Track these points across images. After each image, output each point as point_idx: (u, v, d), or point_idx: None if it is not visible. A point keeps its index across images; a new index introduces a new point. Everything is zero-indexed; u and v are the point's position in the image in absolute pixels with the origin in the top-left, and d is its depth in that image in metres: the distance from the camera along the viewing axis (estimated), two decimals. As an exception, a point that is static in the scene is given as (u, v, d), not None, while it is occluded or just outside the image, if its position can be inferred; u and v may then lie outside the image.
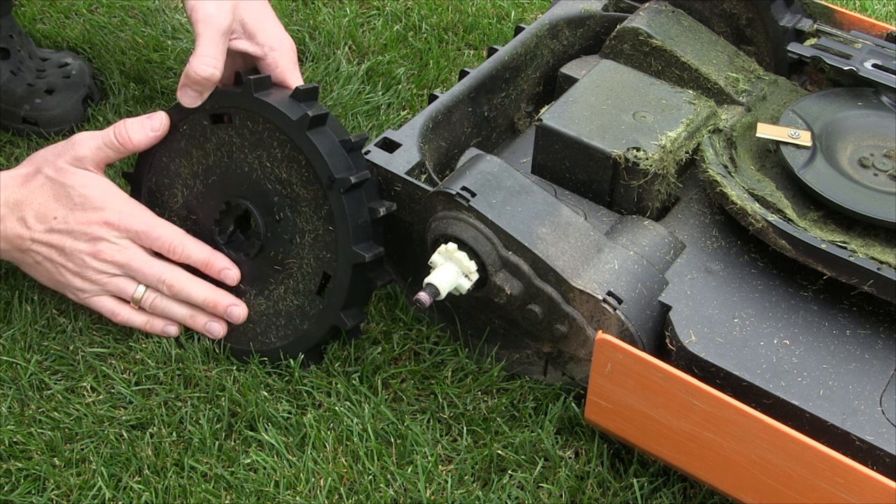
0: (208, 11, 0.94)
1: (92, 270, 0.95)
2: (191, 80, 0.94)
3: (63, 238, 0.94)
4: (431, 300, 0.87)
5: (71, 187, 0.94)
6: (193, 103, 0.96)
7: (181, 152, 0.99)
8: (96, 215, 0.94)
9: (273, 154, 0.94)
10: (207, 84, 0.94)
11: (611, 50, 1.11)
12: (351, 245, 0.91)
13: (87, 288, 0.96)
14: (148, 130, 0.97)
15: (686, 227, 0.96)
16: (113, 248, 0.94)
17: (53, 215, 0.94)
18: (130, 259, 0.95)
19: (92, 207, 0.94)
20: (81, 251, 0.94)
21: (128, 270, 0.95)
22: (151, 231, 0.95)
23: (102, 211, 0.94)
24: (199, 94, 0.95)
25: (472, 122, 1.08)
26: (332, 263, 0.93)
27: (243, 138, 0.95)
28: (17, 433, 0.91)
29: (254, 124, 0.94)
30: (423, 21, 1.45)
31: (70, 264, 0.95)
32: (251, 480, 0.88)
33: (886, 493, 0.72)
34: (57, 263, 0.95)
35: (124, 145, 0.96)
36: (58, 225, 0.94)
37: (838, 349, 0.85)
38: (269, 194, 0.95)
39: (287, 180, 0.94)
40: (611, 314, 0.86)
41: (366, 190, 0.93)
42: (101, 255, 0.94)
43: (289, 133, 0.92)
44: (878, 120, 0.99)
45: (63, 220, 0.94)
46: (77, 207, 0.94)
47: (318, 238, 0.94)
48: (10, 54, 1.24)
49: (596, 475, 0.89)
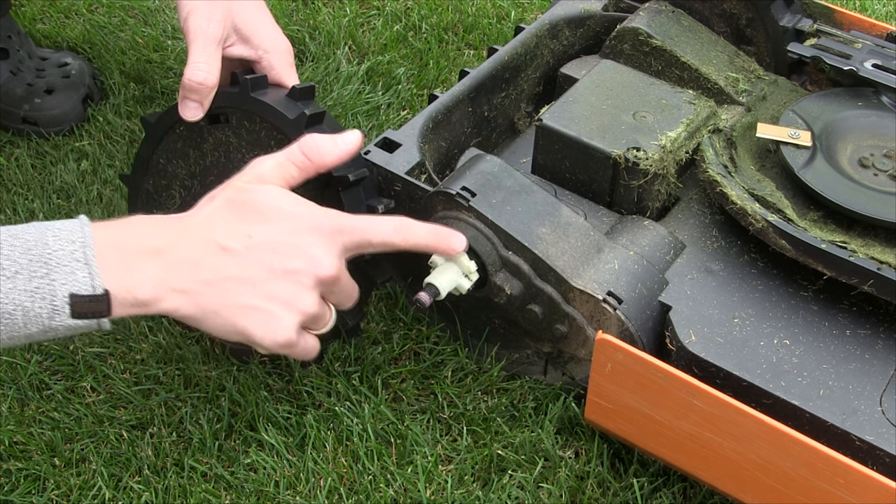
0: (199, 23, 0.92)
1: (305, 289, 0.79)
2: (186, 88, 0.92)
3: (267, 254, 0.78)
4: (431, 300, 0.87)
5: (255, 201, 0.80)
6: (196, 115, 0.93)
7: (178, 153, 0.99)
8: (296, 223, 0.80)
9: (271, 153, 0.94)
10: (203, 90, 0.92)
11: (611, 50, 1.11)
12: None
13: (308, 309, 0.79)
14: (340, 143, 0.85)
15: (686, 227, 0.96)
16: (324, 253, 0.79)
17: (248, 234, 0.78)
18: (341, 266, 0.81)
19: (292, 216, 0.80)
20: (293, 265, 0.78)
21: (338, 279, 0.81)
22: (367, 224, 0.82)
23: (301, 217, 0.80)
24: (200, 105, 0.93)
25: (472, 122, 1.08)
26: None
27: (241, 138, 0.95)
28: (17, 433, 0.91)
29: (251, 124, 0.94)
30: (423, 21, 1.45)
31: (278, 285, 0.78)
32: (251, 480, 0.88)
33: (886, 493, 0.72)
34: (256, 288, 0.77)
35: (311, 158, 0.84)
36: (254, 241, 0.78)
37: (838, 349, 0.85)
38: None
39: None
40: (611, 314, 0.86)
41: (364, 187, 0.93)
42: (318, 265, 0.79)
43: (286, 132, 0.92)
44: (878, 120, 0.99)
45: (259, 234, 0.78)
46: (271, 219, 0.79)
47: None
48: (10, 54, 1.24)
49: (596, 475, 0.89)
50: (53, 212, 1.13)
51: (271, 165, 0.83)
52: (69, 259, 0.72)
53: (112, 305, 0.73)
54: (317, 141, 0.84)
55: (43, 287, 0.71)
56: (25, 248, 0.71)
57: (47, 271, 0.71)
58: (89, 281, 0.72)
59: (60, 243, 0.72)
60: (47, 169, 1.19)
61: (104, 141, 1.23)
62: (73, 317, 0.72)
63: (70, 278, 0.71)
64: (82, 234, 0.73)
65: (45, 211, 1.13)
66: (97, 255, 0.73)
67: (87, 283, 0.72)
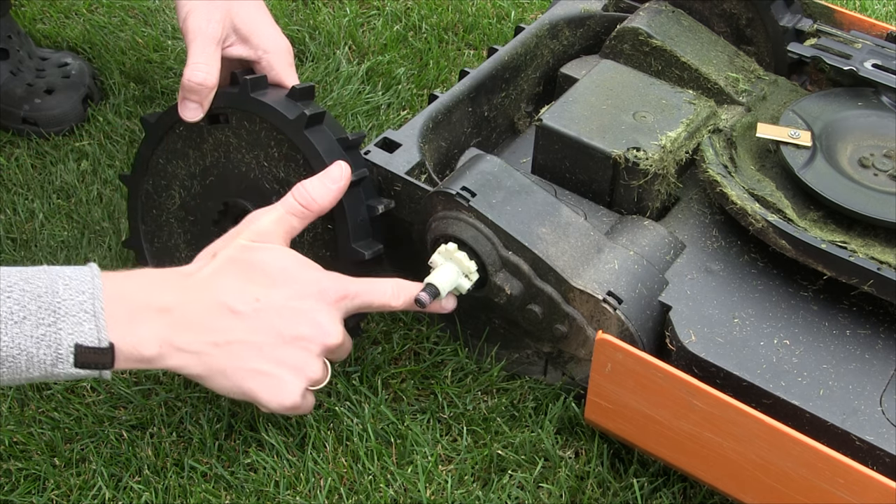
0: (198, 24, 0.92)
1: (311, 355, 0.82)
2: (186, 89, 0.92)
3: (275, 319, 0.80)
4: (431, 300, 0.87)
5: (262, 262, 0.81)
6: (196, 116, 0.93)
7: (178, 153, 0.99)
8: (303, 288, 0.81)
9: (271, 153, 0.94)
10: (203, 91, 0.92)
11: (611, 50, 1.11)
12: (350, 243, 0.91)
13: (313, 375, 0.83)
14: (329, 184, 0.87)
15: (686, 227, 0.96)
16: (330, 320, 0.82)
17: (256, 297, 0.80)
18: (343, 332, 0.84)
19: (299, 280, 0.82)
20: (301, 332, 0.81)
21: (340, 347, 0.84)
22: (368, 289, 0.85)
23: (307, 283, 0.82)
24: (200, 105, 0.93)
25: (472, 122, 1.08)
26: (331, 262, 0.93)
27: (240, 138, 0.95)
28: (17, 433, 0.91)
29: (251, 124, 0.94)
30: (423, 21, 1.45)
31: (286, 351, 0.80)
32: (251, 480, 0.88)
33: (886, 493, 0.72)
34: (264, 353, 0.80)
35: (309, 207, 0.86)
36: (263, 305, 0.80)
37: (838, 349, 0.85)
38: (267, 194, 0.95)
39: (285, 179, 0.94)
40: (611, 314, 0.86)
41: (364, 188, 0.93)
42: (322, 329, 0.82)
43: (286, 132, 0.92)
44: (878, 120, 0.99)
45: (267, 298, 0.80)
46: (278, 283, 0.80)
47: (318, 237, 0.94)
48: (9, 54, 1.24)
49: (596, 475, 0.89)
50: (53, 212, 1.13)
51: (272, 220, 0.85)
52: (78, 309, 0.73)
53: (116, 359, 0.74)
54: (309, 189, 0.86)
55: (49, 335, 0.72)
56: (36, 295, 0.72)
57: (55, 319, 0.72)
58: (96, 333, 0.73)
59: (70, 293, 0.73)
60: (47, 169, 1.19)
61: (104, 141, 1.23)
62: (76, 366, 0.73)
63: (77, 329, 0.72)
64: (92, 285, 0.74)
65: (45, 211, 1.13)
66: (105, 308, 0.73)
67: (94, 336, 0.73)
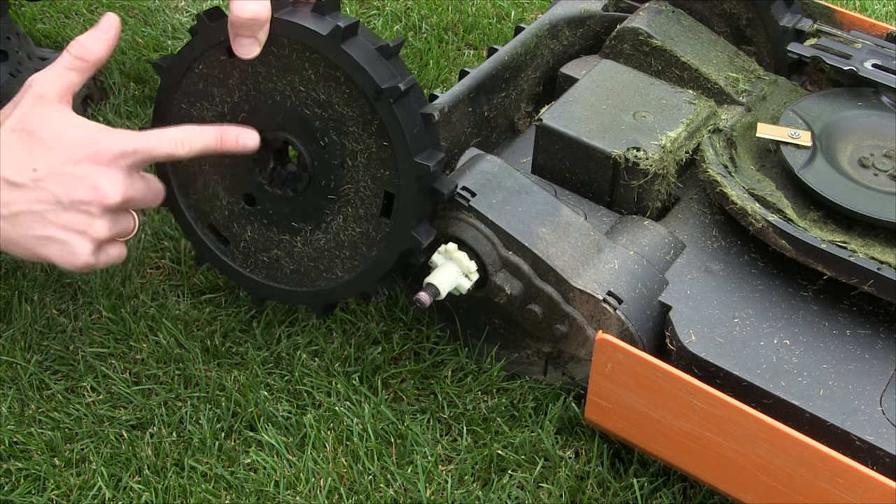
0: None
1: (87, 217, 0.83)
2: (237, 26, 0.84)
3: (53, 186, 0.82)
4: (431, 300, 0.87)
5: (39, 130, 0.83)
6: (253, 52, 0.85)
7: (201, 94, 0.91)
8: (78, 151, 0.83)
9: (306, 76, 0.86)
10: (257, 25, 0.83)
11: (611, 50, 1.11)
12: (412, 157, 0.84)
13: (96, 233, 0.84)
14: (101, 34, 0.87)
15: (686, 227, 0.96)
16: (108, 181, 0.83)
17: (33, 167, 0.82)
18: (128, 187, 0.85)
19: (73, 143, 0.83)
20: (79, 196, 0.82)
21: (129, 202, 0.85)
22: (148, 142, 0.84)
23: (83, 146, 0.83)
24: (255, 40, 0.85)
25: (472, 122, 1.08)
26: (393, 181, 0.86)
27: (269, 66, 0.87)
28: (17, 433, 0.91)
29: (279, 49, 0.85)
30: (423, 21, 1.45)
31: (68, 216, 0.82)
32: (251, 480, 0.88)
33: (886, 493, 0.72)
34: (48, 220, 0.82)
35: (86, 58, 0.86)
36: (40, 174, 0.82)
37: (838, 349, 0.85)
38: (308, 120, 0.87)
39: (327, 101, 0.86)
40: (611, 314, 0.86)
41: (413, 96, 0.85)
42: (102, 194, 0.83)
43: (321, 50, 0.83)
44: (878, 120, 0.99)
45: (44, 167, 0.82)
46: (54, 150, 0.82)
47: (373, 156, 0.87)
48: (9, 56, 1.24)
49: (596, 475, 0.89)
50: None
51: (50, 80, 0.85)
52: None
53: None
54: (83, 42, 0.87)
55: None
56: None
57: None
58: None
59: None
60: (47, 169, 1.19)
61: (104, 141, 1.23)
62: None
63: None
64: None
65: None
66: None
67: None
